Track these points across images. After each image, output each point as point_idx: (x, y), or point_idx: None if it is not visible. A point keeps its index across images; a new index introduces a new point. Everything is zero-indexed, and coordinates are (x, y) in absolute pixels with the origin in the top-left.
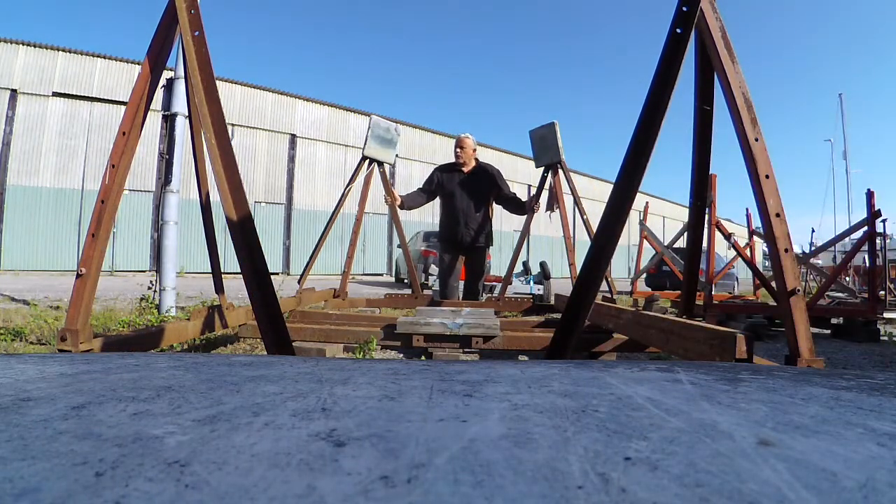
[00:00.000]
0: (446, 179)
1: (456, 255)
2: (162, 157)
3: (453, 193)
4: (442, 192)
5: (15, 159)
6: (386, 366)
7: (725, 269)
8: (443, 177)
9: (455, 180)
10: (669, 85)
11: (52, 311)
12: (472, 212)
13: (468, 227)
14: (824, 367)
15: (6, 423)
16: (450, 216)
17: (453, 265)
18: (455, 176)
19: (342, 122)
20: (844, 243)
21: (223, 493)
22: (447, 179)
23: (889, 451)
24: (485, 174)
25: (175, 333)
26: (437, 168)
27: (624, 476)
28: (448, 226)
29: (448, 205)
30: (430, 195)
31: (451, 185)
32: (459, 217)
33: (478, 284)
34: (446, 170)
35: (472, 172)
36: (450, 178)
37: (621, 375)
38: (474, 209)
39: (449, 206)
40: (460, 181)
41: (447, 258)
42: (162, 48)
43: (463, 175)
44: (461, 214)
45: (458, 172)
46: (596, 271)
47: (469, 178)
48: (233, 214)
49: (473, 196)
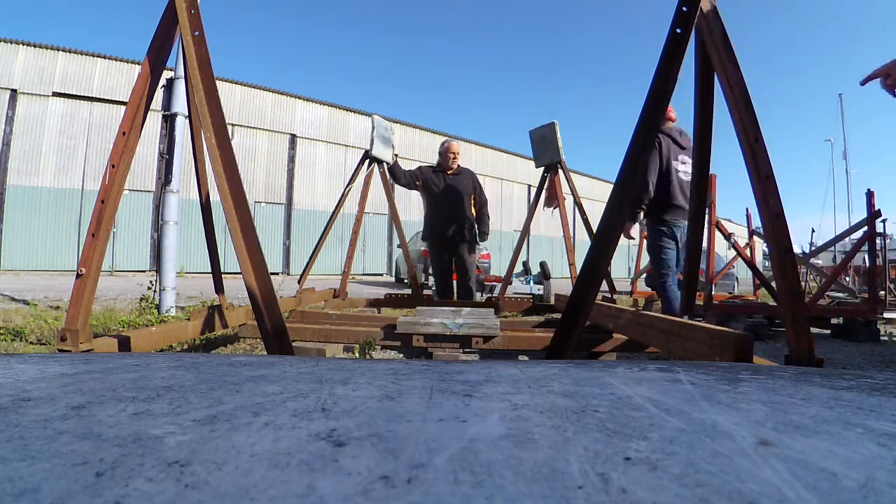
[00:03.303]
0: (432, 179)
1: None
2: (162, 157)
3: (439, 192)
4: (427, 190)
5: (15, 159)
6: (386, 366)
7: (725, 269)
8: (429, 176)
9: (440, 180)
10: (669, 85)
11: (52, 311)
12: (457, 208)
13: (453, 222)
14: (824, 367)
15: (6, 423)
16: (436, 213)
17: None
18: (440, 176)
19: (342, 122)
20: (844, 243)
21: (223, 493)
22: (433, 179)
23: (889, 451)
24: (467, 174)
25: (175, 333)
26: (422, 167)
27: (624, 476)
28: (434, 223)
29: (434, 203)
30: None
31: (437, 184)
32: (445, 213)
33: (470, 281)
34: (432, 171)
35: (455, 173)
36: (435, 178)
37: (621, 375)
38: (459, 206)
39: (435, 203)
40: (445, 181)
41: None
42: (162, 48)
43: (447, 176)
44: (447, 210)
45: (443, 174)
46: (596, 271)
47: (453, 178)
48: (233, 214)
49: (457, 194)
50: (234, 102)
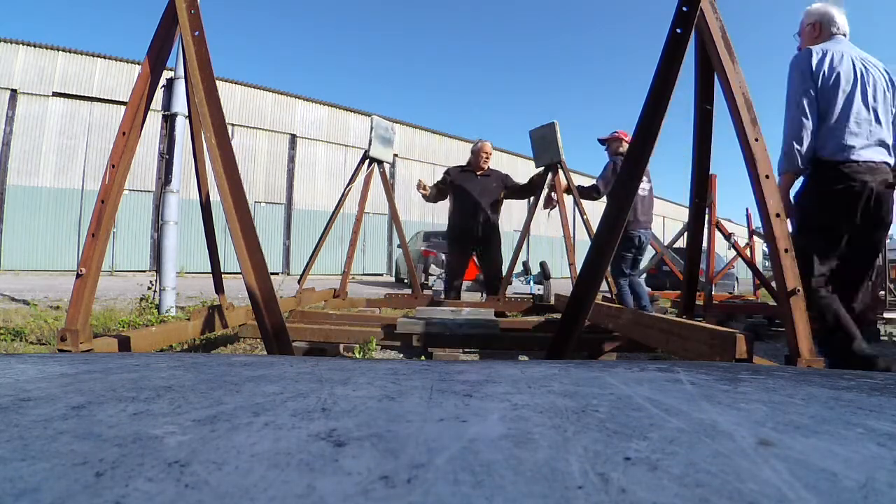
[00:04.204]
0: (460, 179)
1: (466, 254)
2: (162, 157)
3: (467, 191)
4: (454, 190)
5: (15, 159)
6: (386, 366)
7: (725, 269)
8: (456, 177)
9: (469, 180)
10: (669, 85)
11: (52, 311)
12: (486, 207)
13: (481, 220)
14: (824, 367)
15: (6, 423)
16: (463, 211)
17: (463, 264)
18: (469, 176)
19: (342, 122)
20: None
21: (223, 493)
22: (461, 179)
23: (889, 451)
24: (497, 176)
25: (175, 333)
26: (450, 169)
27: (624, 476)
28: (461, 221)
29: (462, 201)
30: (442, 193)
31: (465, 183)
32: (474, 212)
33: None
34: (459, 171)
35: (485, 174)
36: (463, 178)
37: (621, 375)
38: (487, 205)
39: (463, 202)
40: (474, 181)
41: (456, 258)
42: (162, 48)
43: (476, 176)
44: (475, 209)
45: (472, 173)
46: (596, 271)
47: (483, 178)
48: (233, 214)
49: (486, 193)
50: (234, 102)
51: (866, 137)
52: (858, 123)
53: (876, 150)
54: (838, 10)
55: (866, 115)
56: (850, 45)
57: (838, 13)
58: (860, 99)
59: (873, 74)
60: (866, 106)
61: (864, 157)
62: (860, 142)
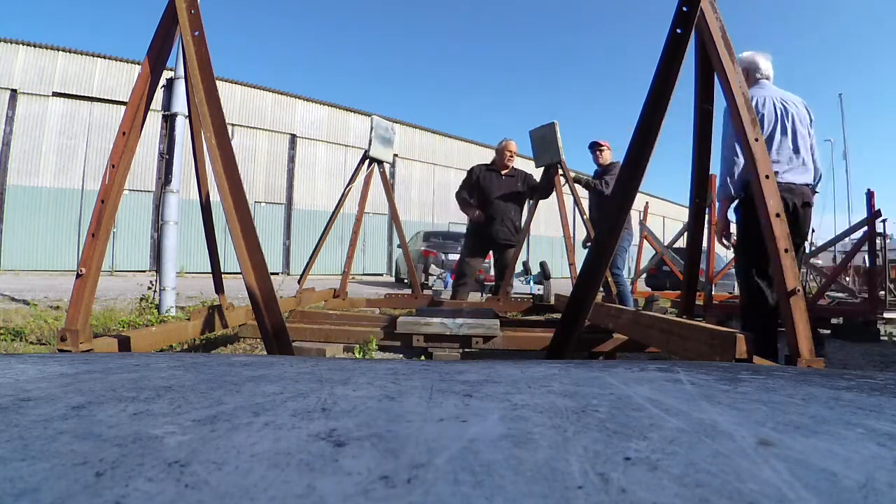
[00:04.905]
0: (485, 178)
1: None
2: (162, 157)
3: (492, 192)
4: (479, 189)
5: (15, 159)
6: (386, 366)
7: (725, 269)
8: (481, 175)
9: (494, 180)
10: (669, 85)
11: (52, 311)
12: (509, 210)
13: (504, 223)
14: (824, 367)
15: (6, 423)
16: (487, 212)
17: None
18: (493, 175)
19: (342, 122)
20: (844, 243)
21: (223, 493)
22: (485, 178)
23: (889, 451)
24: (520, 176)
25: (175, 333)
26: (475, 167)
27: (624, 476)
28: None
29: (485, 202)
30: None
31: (490, 183)
32: (496, 214)
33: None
34: (485, 169)
35: (509, 174)
36: (488, 177)
37: (621, 375)
38: (511, 208)
39: (486, 203)
40: (499, 181)
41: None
42: (162, 48)
43: (501, 176)
44: (498, 212)
45: (496, 173)
46: (596, 271)
47: (507, 179)
48: (233, 214)
49: (510, 196)
50: (234, 102)
51: (787, 164)
52: (780, 153)
53: (795, 174)
54: (764, 56)
55: (788, 145)
56: (772, 87)
57: (763, 60)
58: (780, 134)
59: (792, 112)
60: (786, 137)
61: (785, 179)
62: (781, 168)
